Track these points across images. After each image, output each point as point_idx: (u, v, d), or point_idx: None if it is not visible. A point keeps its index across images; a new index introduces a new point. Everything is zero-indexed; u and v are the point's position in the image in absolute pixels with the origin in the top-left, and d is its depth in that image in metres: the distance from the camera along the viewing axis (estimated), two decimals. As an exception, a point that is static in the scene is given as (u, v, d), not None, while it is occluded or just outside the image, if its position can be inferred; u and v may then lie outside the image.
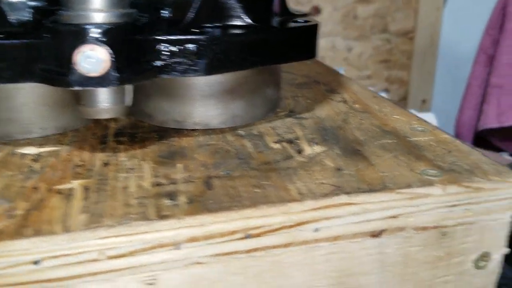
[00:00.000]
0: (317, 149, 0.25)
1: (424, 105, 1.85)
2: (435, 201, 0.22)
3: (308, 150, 0.25)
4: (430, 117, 0.84)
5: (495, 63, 0.98)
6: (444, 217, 0.22)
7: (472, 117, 1.03)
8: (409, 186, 0.22)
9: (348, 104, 0.32)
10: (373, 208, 0.21)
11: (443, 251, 0.23)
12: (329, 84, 0.37)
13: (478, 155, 0.25)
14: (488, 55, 1.00)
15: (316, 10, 1.74)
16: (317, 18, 1.83)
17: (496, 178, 0.22)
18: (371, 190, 0.21)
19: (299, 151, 0.25)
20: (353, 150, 0.25)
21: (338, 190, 0.21)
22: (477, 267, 0.24)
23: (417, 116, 0.31)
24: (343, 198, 0.21)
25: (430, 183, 0.22)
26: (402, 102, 1.88)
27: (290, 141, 0.26)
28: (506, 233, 0.24)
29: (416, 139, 0.27)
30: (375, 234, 0.22)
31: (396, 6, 1.76)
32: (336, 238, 0.21)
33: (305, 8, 1.73)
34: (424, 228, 0.22)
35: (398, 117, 0.30)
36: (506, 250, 0.24)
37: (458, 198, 0.22)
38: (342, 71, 1.15)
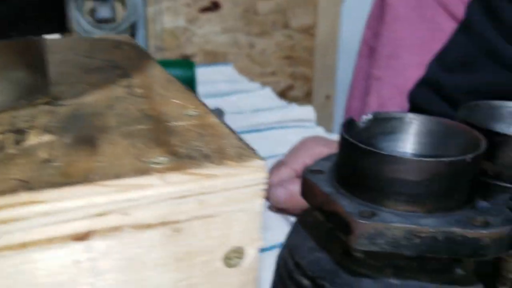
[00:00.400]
0: (44, 139, 0.21)
1: (328, 101, 1.88)
2: (156, 193, 0.18)
3: (32, 141, 0.21)
4: (309, 111, 0.83)
5: (376, 55, 0.99)
6: (173, 211, 0.19)
7: (358, 109, 1.04)
8: (120, 176, 0.18)
9: (131, 89, 0.28)
10: (71, 206, 0.17)
11: (181, 250, 0.20)
12: (129, 69, 0.33)
13: (232, 139, 0.22)
14: (370, 47, 1.02)
15: (215, 5, 1.71)
16: (217, 14, 1.80)
17: (233, 163, 0.19)
18: (70, 183, 0.17)
19: (18, 143, 0.21)
20: (88, 139, 0.21)
21: (21, 186, 0.17)
22: (229, 265, 0.21)
23: (202, 102, 0.27)
24: (25, 196, 0.17)
25: (148, 172, 0.18)
26: (307, 98, 1.90)
27: (17, 132, 0.22)
28: (259, 225, 0.21)
29: (177, 123, 0.23)
30: (80, 237, 0.18)
31: (296, 1, 1.77)
32: (17, 247, 0.17)
33: (204, 3, 1.70)
34: (149, 226, 0.19)
35: (177, 101, 0.27)
36: (261, 244, 0.21)
37: (186, 188, 0.19)
38: (230, 66, 1.12)
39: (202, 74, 1.05)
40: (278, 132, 0.77)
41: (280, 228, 0.51)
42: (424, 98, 0.57)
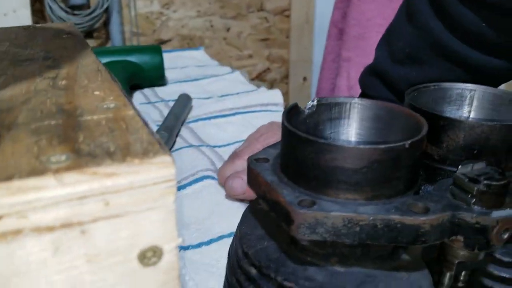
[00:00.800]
0: None
1: (305, 82, 1.88)
2: (53, 195, 0.17)
3: None
4: (277, 94, 0.82)
5: (344, 36, 0.99)
6: (76, 213, 0.18)
7: (328, 91, 1.04)
8: (12, 178, 0.17)
9: (55, 81, 0.27)
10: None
11: (90, 252, 0.19)
12: (60, 59, 0.32)
13: (143, 134, 0.21)
14: (339, 29, 1.01)
15: (189, -11, 1.68)
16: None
17: (137, 160, 0.18)
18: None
19: None
20: (-8, 137, 0.20)
21: None
22: (146, 264, 0.20)
23: (124, 94, 0.26)
24: None
25: (42, 173, 0.17)
26: (285, 80, 1.89)
27: None
28: (174, 222, 0.20)
29: (89, 118, 0.22)
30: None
31: (270, -17, 1.74)
32: None
33: (177, -13, 1.67)
34: (51, 228, 0.18)
35: (98, 93, 0.26)
36: (179, 242, 0.21)
37: (85, 188, 0.18)
38: (201, 50, 1.10)
39: (172, 59, 1.03)
40: (245, 116, 0.76)
41: (237, 216, 0.51)
42: (372, 86, 0.56)
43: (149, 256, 0.20)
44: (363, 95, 0.59)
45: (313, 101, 0.35)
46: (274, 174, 0.33)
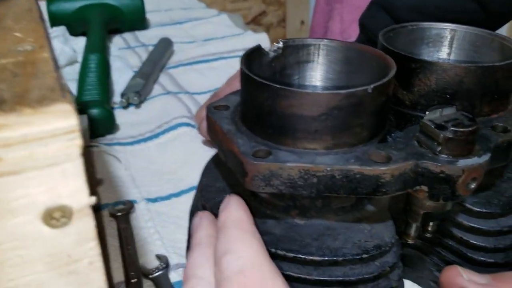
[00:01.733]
0: None
1: (303, 26, 1.81)
2: None
3: None
4: (263, 38, 0.78)
5: (338, -25, 0.93)
6: (-35, 169, 0.16)
7: (321, 34, 0.99)
8: None
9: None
10: None
11: (-15, 212, 0.17)
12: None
13: (48, 79, 0.18)
14: (332, -32, 0.95)
15: None
16: None
17: (29, 109, 0.16)
18: None
19: None
20: None
21: None
22: (54, 226, 0.18)
23: (46, 36, 0.23)
24: None
25: None
26: (281, 24, 1.82)
27: None
28: (83, 179, 0.18)
29: None
30: None
31: None
32: None
33: None
34: None
35: (18, 34, 0.23)
36: (91, 200, 0.19)
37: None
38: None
39: (156, 1, 0.98)
40: (228, 62, 0.73)
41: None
42: (374, 18, 0.53)
43: (57, 217, 0.18)
44: (362, 35, 0.56)
45: (278, 42, 0.32)
46: (232, 123, 0.30)
